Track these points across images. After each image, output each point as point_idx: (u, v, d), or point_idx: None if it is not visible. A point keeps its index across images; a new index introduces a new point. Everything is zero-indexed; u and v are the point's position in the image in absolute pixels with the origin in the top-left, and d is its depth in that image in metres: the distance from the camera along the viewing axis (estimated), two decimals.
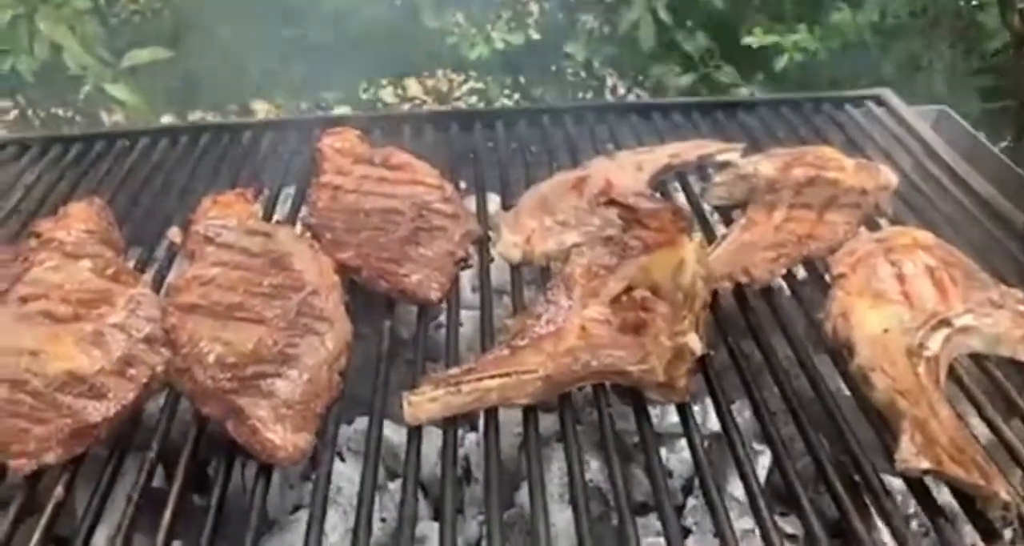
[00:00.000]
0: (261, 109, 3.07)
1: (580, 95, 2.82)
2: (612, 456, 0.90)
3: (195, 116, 2.95)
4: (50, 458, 0.88)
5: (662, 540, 0.84)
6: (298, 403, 0.92)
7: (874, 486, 0.86)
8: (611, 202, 1.14)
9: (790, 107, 1.64)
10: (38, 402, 0.91)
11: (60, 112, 3.07)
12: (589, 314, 1.03)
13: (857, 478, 0.89)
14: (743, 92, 2.45)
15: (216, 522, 0.84)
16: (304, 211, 1.31)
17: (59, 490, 0.87)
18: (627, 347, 0.98)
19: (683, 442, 1.04)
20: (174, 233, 1.29)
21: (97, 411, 0.91)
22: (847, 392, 0.99)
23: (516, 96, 2.85)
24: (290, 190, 1.40)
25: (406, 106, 3.13)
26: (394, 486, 1.16)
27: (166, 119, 2.94)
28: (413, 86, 3.25)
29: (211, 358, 0.96)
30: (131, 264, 1.22)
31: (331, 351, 1.00)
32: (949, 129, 1.64)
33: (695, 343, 0.96)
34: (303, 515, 1.08)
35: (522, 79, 2.84)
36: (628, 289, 1.06)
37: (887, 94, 1.66)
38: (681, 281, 1.04)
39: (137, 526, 0.85)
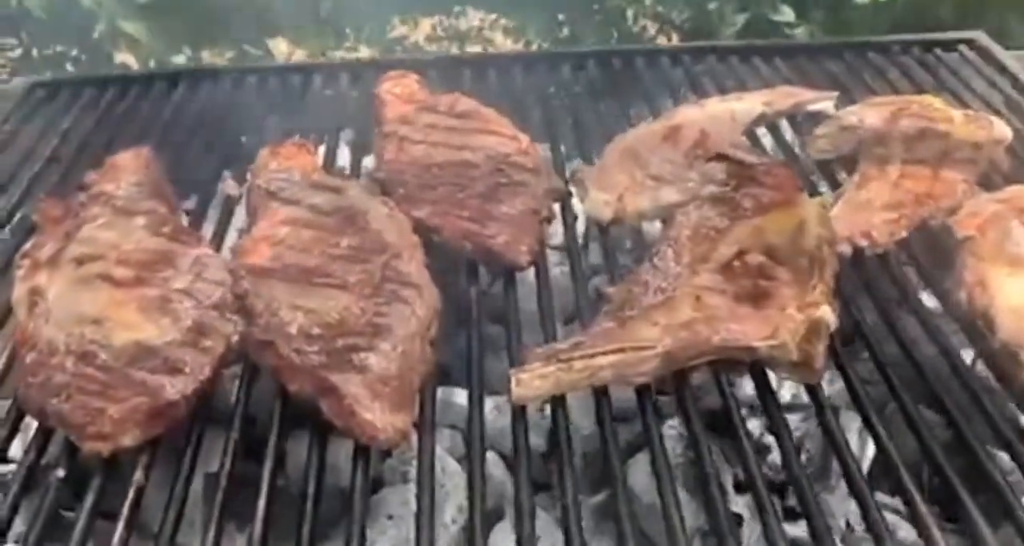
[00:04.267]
0: (281, 48, 2.92)
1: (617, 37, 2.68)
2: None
3: (211, 55, 2.81)
4: (128, 440, 0.80)
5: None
6: (394, 379, 0.84)
7: None
8: (719, 157, 1.04)
9: (876, 52, 1.53)
10: (109, 377, 0.83)
11: (66, 50, 2.92)
12: (701, 282, 0.94)
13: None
14: (800, 34, 2.31)
15: (315, 510, 0.77)
16: (368, 164, 1.21)
17: (138, 475, 0.79)
18: (750, 320, 0.89)
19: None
20: (228, 185, 1.20)
21: (175, 388, 0.83)
22: (984, 370, 0.92)
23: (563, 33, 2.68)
24: (345, 139, 1.30)
25: (433, 46, 2.99)
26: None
27: (179, 59, 2.80)
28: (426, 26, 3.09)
29: (294, 328, 0.87)
30: (183, 220, 1.13)
31: (422, 320, 0.91)
32: None
33: (829, 316, 0.87)
34: (388, 494, 1.02)
35: (560, 17, 2.68)
36: (740, 254, 0.97)
37: (981, 37, 1.54)
38: (803, 245, 0.95)
39: (227, 515, 0.77)
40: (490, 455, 1.07)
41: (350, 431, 0.80)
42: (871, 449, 1.07)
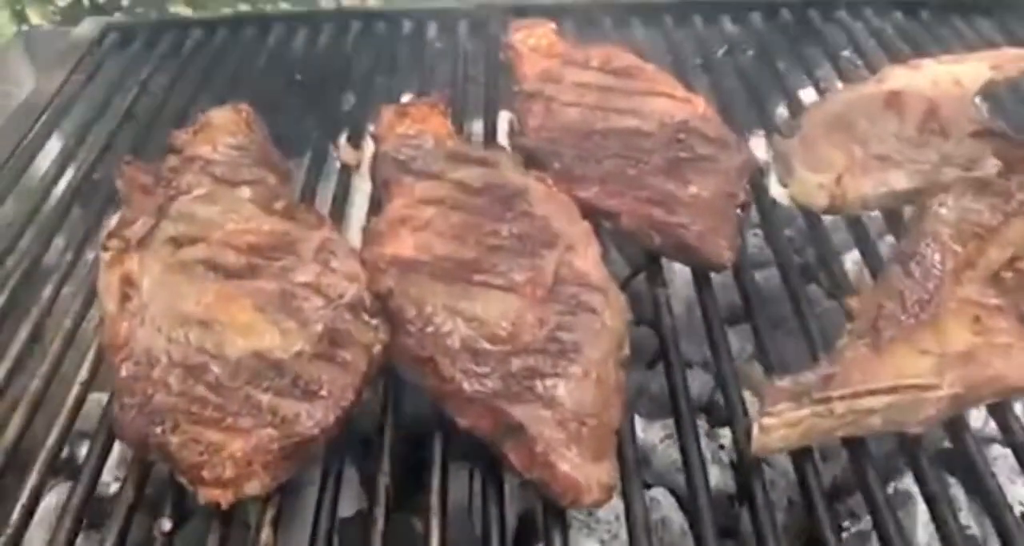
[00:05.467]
0: None
1: None
2: None
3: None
4: (255, 487, 0.61)
5: None
6: (590, 416, 0.64)
7: None
8: (982, 133, 0.81)
9: None
10: (226, 400, 0.64)
11: None
12: (969, 294, 0.72)
13: None
14: None
15: None
16: (508, 129, 1.00)
17: (266, 534, 0.61)
18: None
19: None
20: (345, 152, 1.00)
21: (312, 419, 0.63)
22: None
23: None
24: (473, 99, 1.09)
25: None
26: None
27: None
28: None
29: (455, 341, 0.68)
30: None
31: (615, 335, 0.71)
32: None
33: None
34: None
35: None
36: (1013, 260, 0.75)
37: None
38: None
39: None
40: (657, 493, 0.87)
41: (544, 486, 0.61)
42: None
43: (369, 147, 0.96)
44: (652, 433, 0.90)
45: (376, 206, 0.88)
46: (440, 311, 0.70)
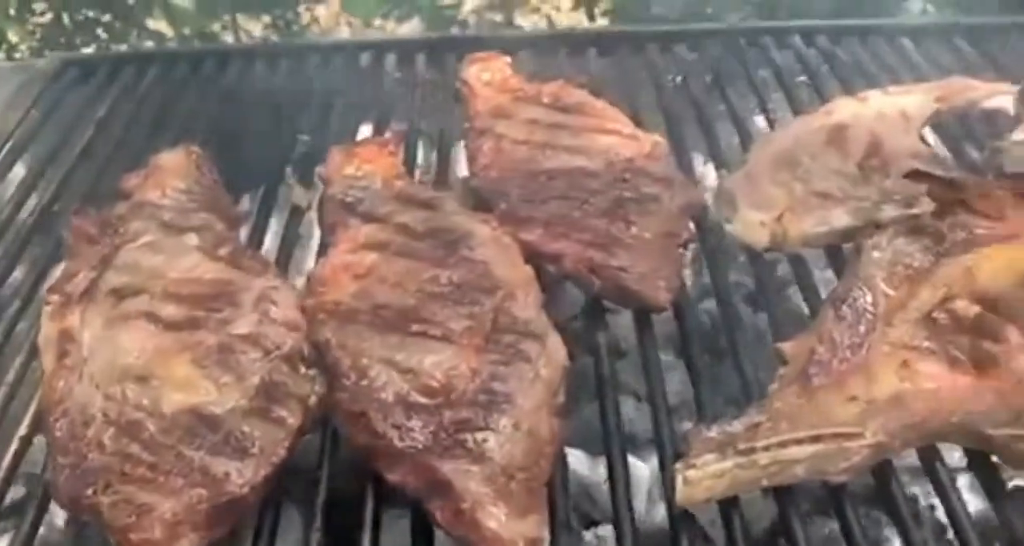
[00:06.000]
0: (321, 13, 2.71)
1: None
2: None
3: (249, 24, 2.61)
4: None
5: None
6: (520, 470, 0.65)
7: None
8: (917, 174, 0.82)
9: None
10: (159, 459, 0.65)
11: (98, 16, 2.73)
12: (901, 338, 0.73)
13: None
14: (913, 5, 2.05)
15: None
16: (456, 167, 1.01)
17: None
18: (980, 396, 0.68)
19: None
20: (296, 193, 1.00)
21: (242, 477, 0.64)
22: None
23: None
24: (423, 134, 1.10)
25: (497, 16, 2.75)
26: (589, 537, 0.90)
27: (215, 26, 2.61)
28: None
29: (390, 395, 0.69)
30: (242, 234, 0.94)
31: (549, 384, 0.71)
32: None
33: None
34: None
35: None
36: (944, 301, 0.76)
37: None
38: None
39: None
40: (605, 531, 0.88)
41: (470, 543, 0.62)
42: None
43: (320, 188, 0.97)
44: (598, 470, 0.91)
45: (324, 249, 0.88)
46: (375, 364, 0.71)
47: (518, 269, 0.82)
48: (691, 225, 0.92)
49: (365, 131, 1.13)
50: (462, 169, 1.07)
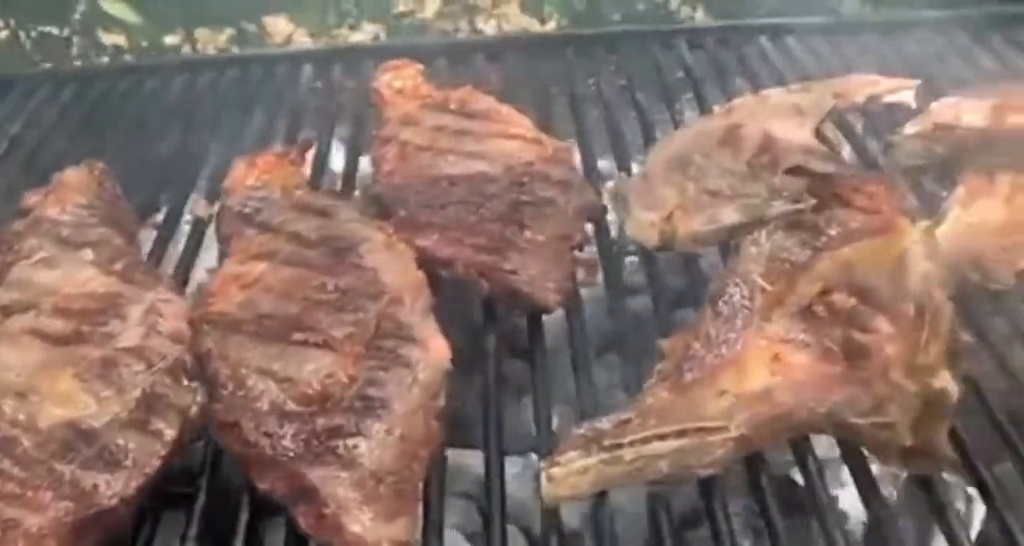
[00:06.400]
0: (280, 27, 2.72)
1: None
2: None
3: (204, 35, 2.61)
4: None
5: None
6: (390, 474, 0.66)
7: None
8: (795, 170, 0.84)
9: (957, 26, 1.31)
10: (30, 474, 0.65)
11: (55, 31, 2.73)
12: (776, 331, 0.75)
13: None
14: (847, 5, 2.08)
15: None
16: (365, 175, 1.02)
17: None
18: (844, 385, 0.70)
19: None
20: (199, 205, 1.01)
21: (111, 489, 0.64)
22: None
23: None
24: (339, 144, 1.10)
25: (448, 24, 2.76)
26: None
27: (171, 39, 2.61)
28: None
29: (264, 404, 0.69)
30: (145, 248, 0.95)
31: (427, 387, 0.72)
32: None
33: (952, 387, 0.67)
34: None
35: None
36: (823, 294, 0.77)
37: None
38: (905, 286, 0.75)
39: None
40: (511, 530, 0.89)
41: None
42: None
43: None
44: (511, 471, 0.92)
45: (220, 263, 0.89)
46: (253, 373, 0.71)
47: (408, 275, 0.82)
48: (588, 227, 0.93)
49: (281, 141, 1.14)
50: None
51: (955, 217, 0.87)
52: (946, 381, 0.67)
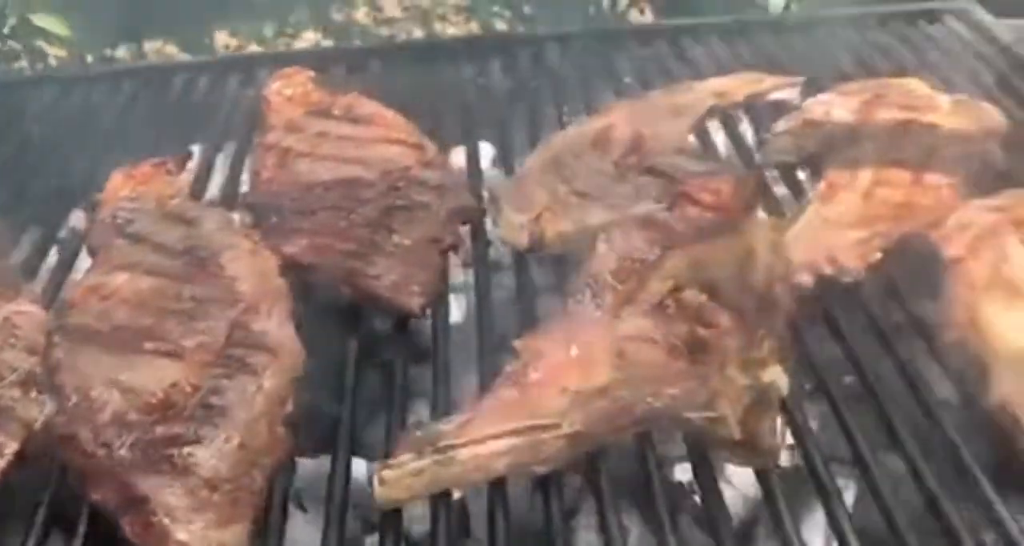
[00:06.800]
0: (221, 38, 2.72)
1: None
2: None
3: (149, 46, 2.60)
4: None
5: None
6: (226, 481, 0.66)
7: None
8: (649, 169, 0.85)
9: (849, 26, 1.33)
10: None
11: None
12: (626, 329, 0.75)
13: None
14: (775, 4, 2.11)
15: None
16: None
17: None
18: (683, 380, 0.71)
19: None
20: (79, 219, 1.01)
21: None
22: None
23: (508, 15, 2.48)
24: (226, 154, 1.11)
25: (384, 30, 2.77)
26: (369, 542, 0.91)
27: (118, 52, 2.60)
28: (388, 6, 2.88)
29: (106, 415, 0.69)
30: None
31: (272, 395, 0.72)
32: None
33: (781, 380, 0.69)
34: None
35: None
36: (675, 291, 0.78)
37: (971, 5, 1.34)
38: (749, 281, 0.76)
39: None
40: None
41: None
42: None
43: None
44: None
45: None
46: (99, 385, 0.71)
47: (267, 282, 0.83)
48: (462, 231, 0.93)
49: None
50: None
51: (812, 212, 0.88)
52: (775, 375, 0.69)
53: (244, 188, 1.02)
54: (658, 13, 2.52)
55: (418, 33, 2.78)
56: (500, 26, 2.51)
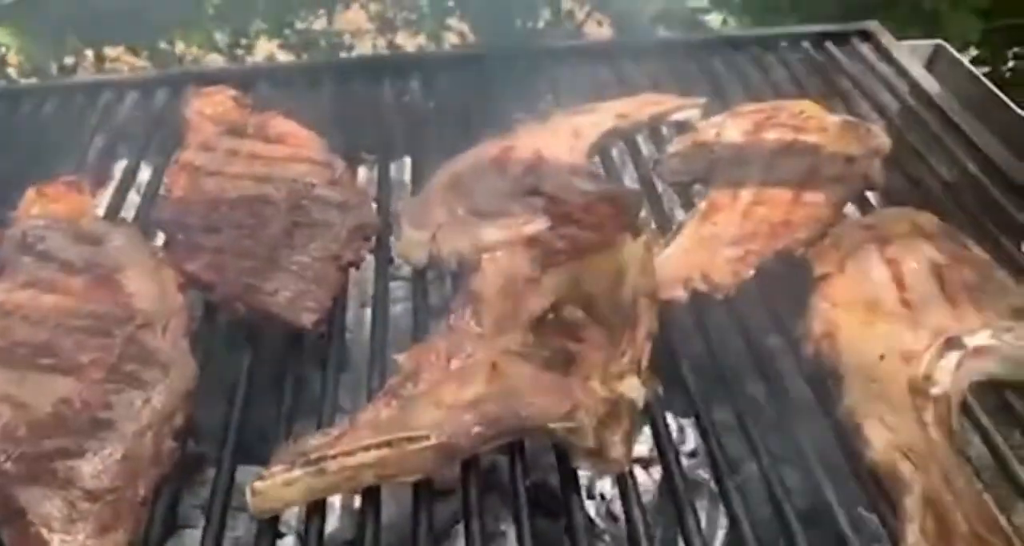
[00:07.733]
0: (179, 48, 2.73)
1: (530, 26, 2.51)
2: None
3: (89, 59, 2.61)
4: None
5: None
6: (108, 492, 0.69)
7: None
8: (538, 190, 0.89)
9: (761, 46, 1.38)
10: None
11: None
12: (505, 344, 0.79)
13: None
14: (713, 20, 2.17)
15: None
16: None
17: None
18: (549, 393, 0.75)
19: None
20: None
21: None
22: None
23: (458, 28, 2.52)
24: (147, 172, 1.13)
25: (346, 38, 2.80)
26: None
27: (69, 60, 2.60)
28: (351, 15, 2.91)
29: None
30: None
31: (160, 409, 0.76)
32: (946, 68, 1.40)
33: (636, 392, 0.73)
34: None
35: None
36: (555, 307, 0.82)
37: (874, 27, 1.40)
38: (619, 297, 0.81)
39: None
40: (289, 541, 0.93)
41: None
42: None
43: None
44: None
45: None
46: None
47: (167, 299, 0.86)
48: (364, 248, 0.97)
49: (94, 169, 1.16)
50: None
51: (691, 229, 0.93)
52: (631, 388, 0.73)
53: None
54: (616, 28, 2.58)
55: (380, 43, 2.82)
56: (452, 39, 2.56)
